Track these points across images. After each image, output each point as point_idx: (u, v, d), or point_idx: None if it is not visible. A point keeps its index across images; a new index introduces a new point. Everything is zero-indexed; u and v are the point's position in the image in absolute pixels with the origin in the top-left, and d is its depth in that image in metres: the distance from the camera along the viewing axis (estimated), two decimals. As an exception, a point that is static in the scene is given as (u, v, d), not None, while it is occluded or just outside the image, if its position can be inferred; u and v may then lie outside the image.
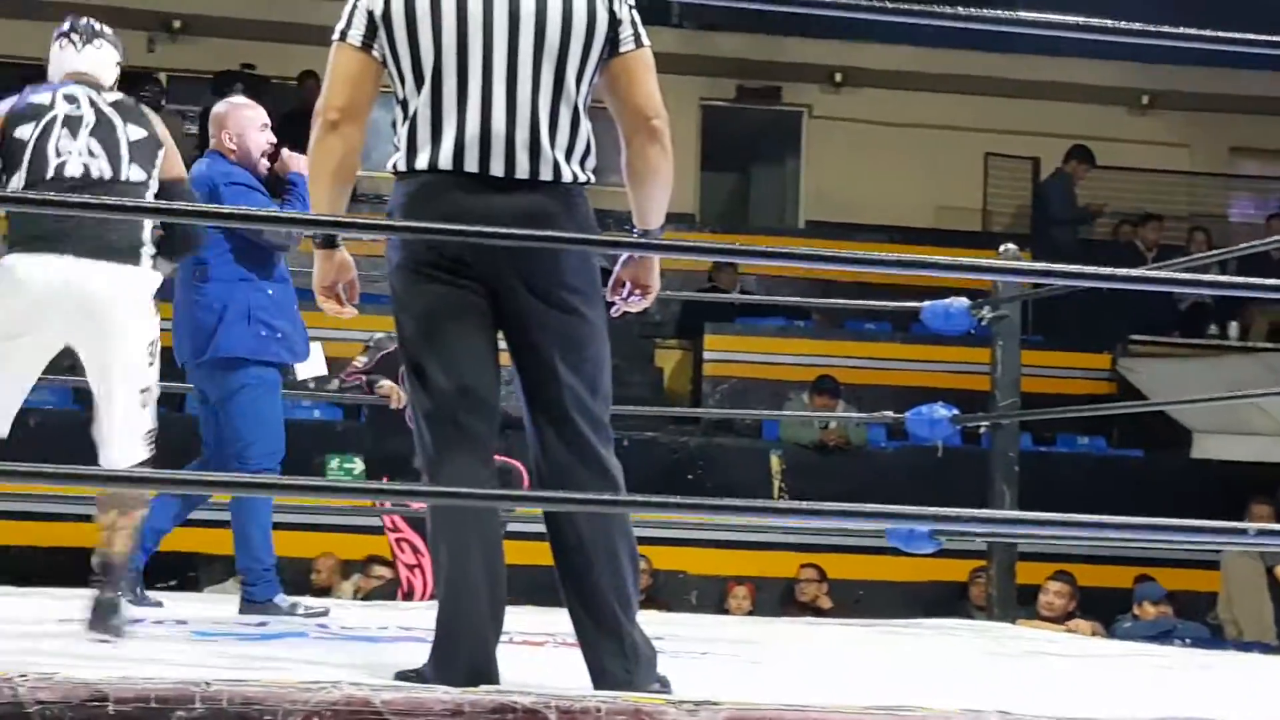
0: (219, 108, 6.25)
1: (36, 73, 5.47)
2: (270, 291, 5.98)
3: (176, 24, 15.63)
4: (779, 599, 11.08)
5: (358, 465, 10.97)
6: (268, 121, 6.20)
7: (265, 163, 6.15)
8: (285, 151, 6.19)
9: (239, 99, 6.34)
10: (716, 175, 17.39)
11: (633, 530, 3.78)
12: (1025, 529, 5.57)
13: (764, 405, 12.85)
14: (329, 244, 3.85)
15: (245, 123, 6.15)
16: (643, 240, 3.88)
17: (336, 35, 3.80)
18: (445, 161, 3.70)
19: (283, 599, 6.06)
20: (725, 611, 10.49)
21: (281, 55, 15.17)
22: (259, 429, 5.96)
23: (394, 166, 3.79)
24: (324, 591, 10.28)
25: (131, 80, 14.75)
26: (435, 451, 3.73)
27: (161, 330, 4.91)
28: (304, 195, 5.94)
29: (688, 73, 15.35)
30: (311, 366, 6.60)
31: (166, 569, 10.10)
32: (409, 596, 8.04)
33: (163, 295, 4.96)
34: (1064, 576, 9.91)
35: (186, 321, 6.02)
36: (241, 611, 5.98)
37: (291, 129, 14.42)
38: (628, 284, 3.94)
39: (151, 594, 6.33)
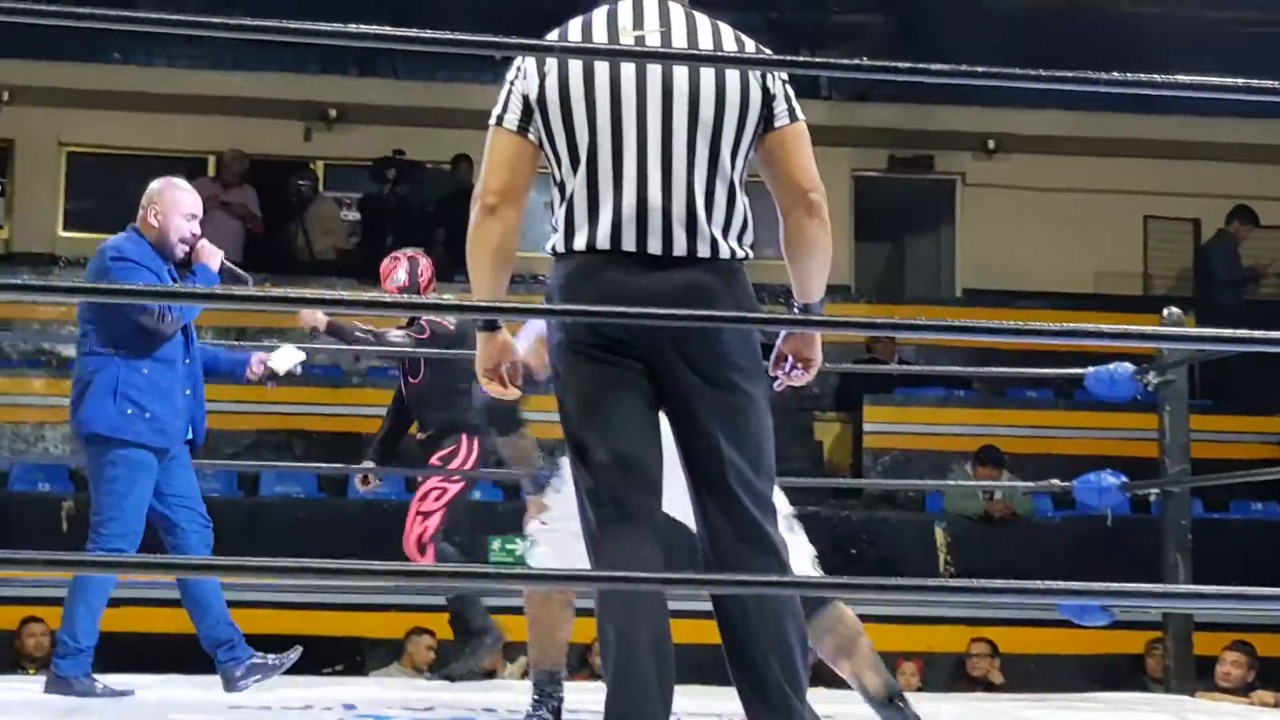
0: (155, 184, 6.21)
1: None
2: (145, 370, 5.89)
3: (333, 113, 15.86)
4: (949, 675, 10.92)
5: (519, 546, 10.96)
6: (197, 213, 6.17)
7: (182, 248, 6.09)
8: (203, 243, 6.19)
9: (178, 181, 6.27)
10: (870, 245, 17.31)
11: (800, 607, 3.74)
12: (1204, 603, 5.42)
13: (926, 476, 12.71)
14: (490, 326, 3.88)
15: (172, 205, 6.11)
16: (802, 318, 3.86)
17: (493, 120, 3.83)
18: (603, 241, 3.71)
19: (88, 678, 5.96)
20: (894, 688, 10.33)
21: (435, 140, 15.33)
22: (115, 509, 5.84)
23: (552, 248, 3.79)
24: (490, 674, 10.28)
25: (287, 170, 15.04)
26: (599, 529, 3.71)
27: None
28: (205, 284, 6.00)
29: (839, 144, 15.30)
30: (285, 358, 6.54)
31: (332, 653, 10.18)
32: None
33: None
34: (1242, 646, 9.67)
35: (73, 391, 6.04)
36: (50, 687, 5.91)
37: (446, 212, 14.67)
38: (790, 358, 3.92)
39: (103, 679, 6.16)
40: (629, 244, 3.70)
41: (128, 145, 15.81)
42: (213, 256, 6.08)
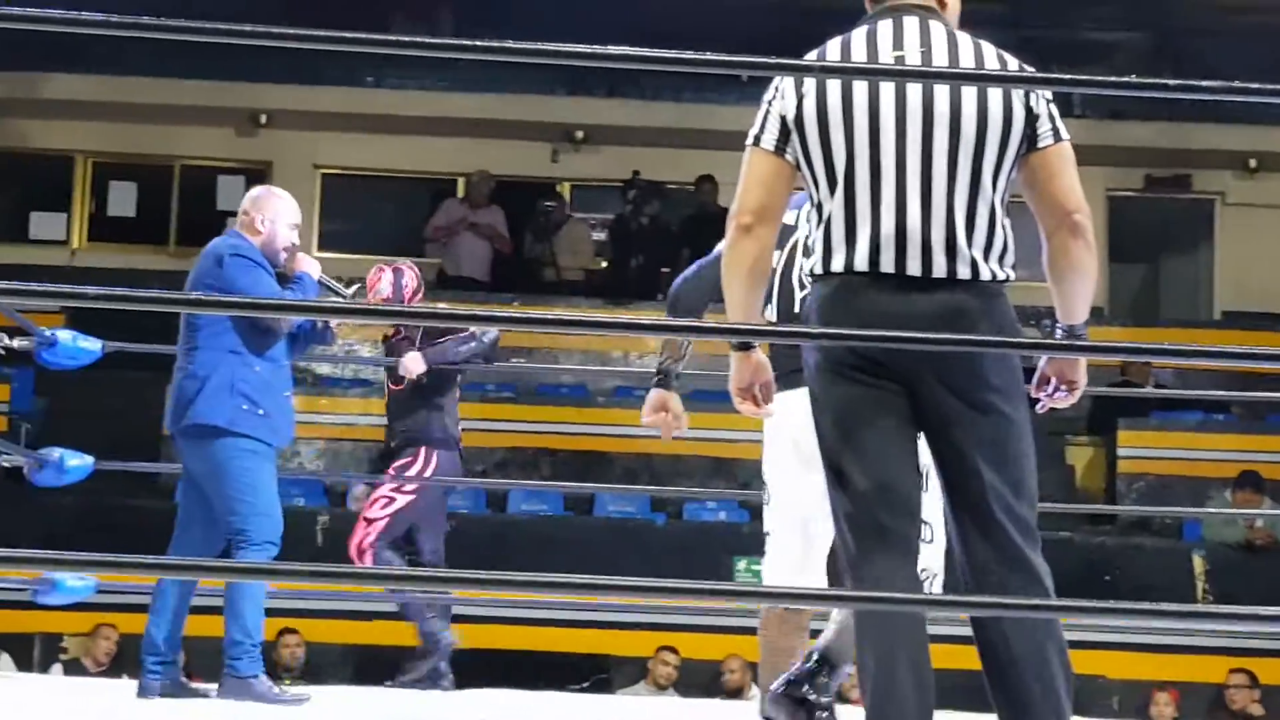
0: (257, 191, 6.28)
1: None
2: (258, 369, 5.91)
3: (580, 134, 15.99)
4: (1206, 706, 10.65)
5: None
6: (299, 222, 6.23)
7: (283, 255, 6.13)
8: (300, 254, 6.19)
9: (278, 189, 6.34)
10: (1125, 267, 16.95)
11: (1063, 634, 3.66)
12: None
13: (1183, 503, 12.40)
14: (744, 346, 3.86)
15: (279, 213, 6.16)
16: (1063, 343, 3.80)
17: (750, 140, 3.81)
18: (861, 262, 3.68)
19: (263, 680, 5.93)
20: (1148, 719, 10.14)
21: (678, 161, 15.37)
22: (254, 499, 5.85)
23: (811, 269, 3.76)
24: (735, 693, 10.26)
25: (535, 191, 15.19)
26: (857, 553, 3.68)
27: None
28: (306, 292, 6.02)
29: (1094, 163, 15.01)
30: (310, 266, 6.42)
31: (579, 670, 10.23)
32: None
33: None
34: None
35: (174, 389, 6.06)
36: (222, 687, 5.89)
37: (691, 232, 14.70)
38: (1053, 380, 3.84)
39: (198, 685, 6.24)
40: (888, 265, 3.67)
41: (379, 167, 16.12)
42: (313, 266, 6.14)
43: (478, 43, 3.08)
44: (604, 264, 15.53)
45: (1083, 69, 15.33)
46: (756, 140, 3.81)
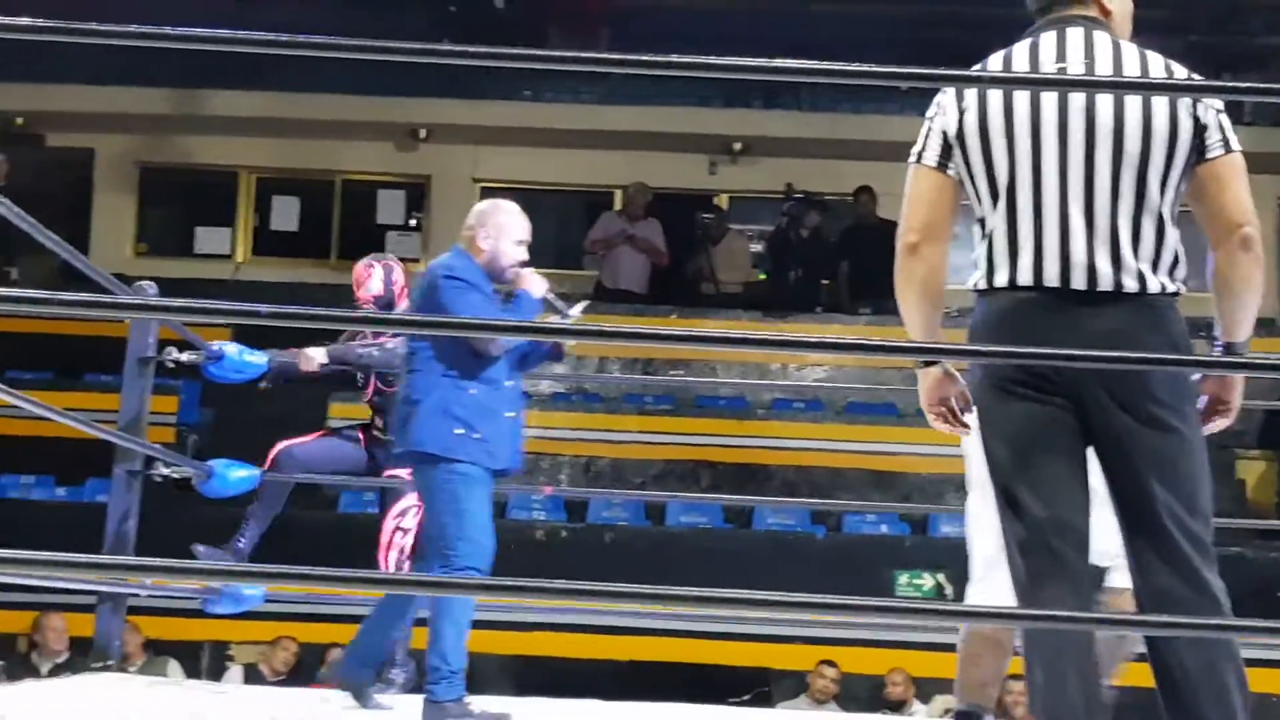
0: (483, 206, 6.14)
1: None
2: (473, 392, 5.81)
3: (737, 146, 15.99)
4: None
5: (927, 581, 10.87)
6: (527, 239, 6.07)
7: (508, 273, 5.99)
8: (526, 270, 6.09)
9: (506, 203, 6.15)
10: (1295, 276, 16.63)
11: (1240, 654, 3.60)
12: None
13: (1358, 517, 12.14)
14: (929, 361, 3.84)
15: (505, 229, 6.02)
16: (1229, 359, 3.71)
17: (913, 158, 3.80)
18: (1025, 277, 3.64)
19: (462, 704, 5.86)
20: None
21: (836, 172, 15.33)
22: (463, 529, 5.75)
23: (975, 285, 3.73)
24: (898, 707, 10.20)
25: (692, 203, 15.18)
26: (1029, 581, 3.64)
27: None
28: (523, 311, 5.90)
29: (1263, 170, 14.75)
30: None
31: (739, 683, 10.21)
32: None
33: None
34: None
35: (395, 414, 6.02)
36: (425, 713, 5.85)
37: (850, 244, 14.62)
38: (1208, 399, 3.77)
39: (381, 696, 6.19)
40: (1051, 280, 3.62)
41: (537, 180, 16.22)
42: (537, 284, 6.06)
43: (642, 57, 3.08)
44: (761, 276, 15.50)
45: (1249, 75, 15.11)
46: (919, 158, 3.79)
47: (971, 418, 3.82)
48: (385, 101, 15.54)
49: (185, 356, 6.65)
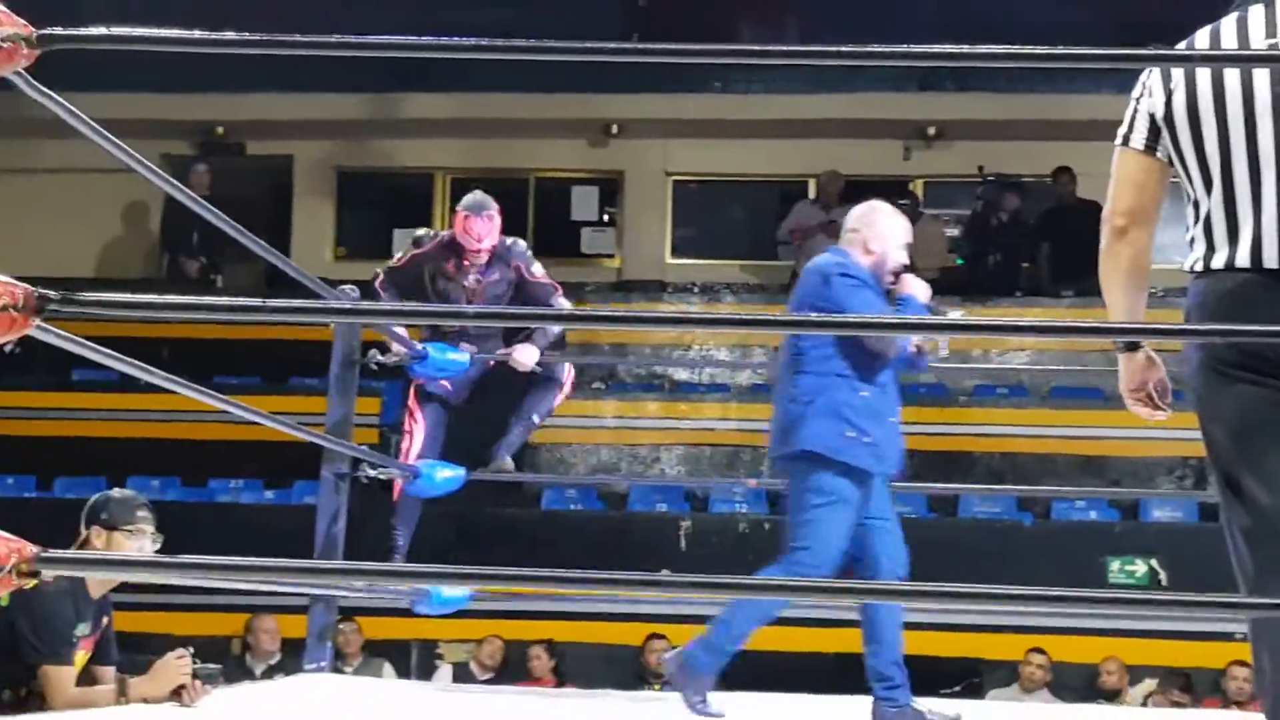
0: (862, 210, 6.05)
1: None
2: (865, 394, 5.71)
3: (931, 130, 15.84)
4: None
5: (1139, 567, 10.68)
6: (909, 240, 5.99)
7: (890, 277, 5.90)
8: (909, 276, 5.95)
9: (883, 205, 6.08)
10: None
11: None
12: None
13: None
14: (1131, 346, 3.78)
15: (889, 234, 5.94)
16: None
17: (1119, 140, 3.73)
18: (1243, 259, 3.54)
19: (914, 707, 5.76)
20: None
21: (1034, 153, 15.13)
22: (813, 538, 5.66)
23: (1191, 267, 3.65)
24: (1113, 696, 10.05)
25: (886, 189, 15.14)
26: (1256, 573, 3.51)
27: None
28: (914, 315, 5.75)
29: None
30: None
31: (950, 673, 10.11)
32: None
33: None
34: None
35: (777, 413, 5.88)
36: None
37: (1050, 226, 14.41)
38: None
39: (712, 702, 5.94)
40: (1271, 261, 3.52)
41: (729, 172, 16.21)
42: (921, 289, 5.96)
43: (837, 48, 3.03)
44: (959, 261, 15.35)
45: None
46: (1125, 140, 3.72)
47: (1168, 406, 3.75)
48: (576, 98, 15.61)
49: (389, 358, 6.72)
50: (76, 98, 3.07)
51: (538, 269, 7.65)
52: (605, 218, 16.60)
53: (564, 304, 7.66)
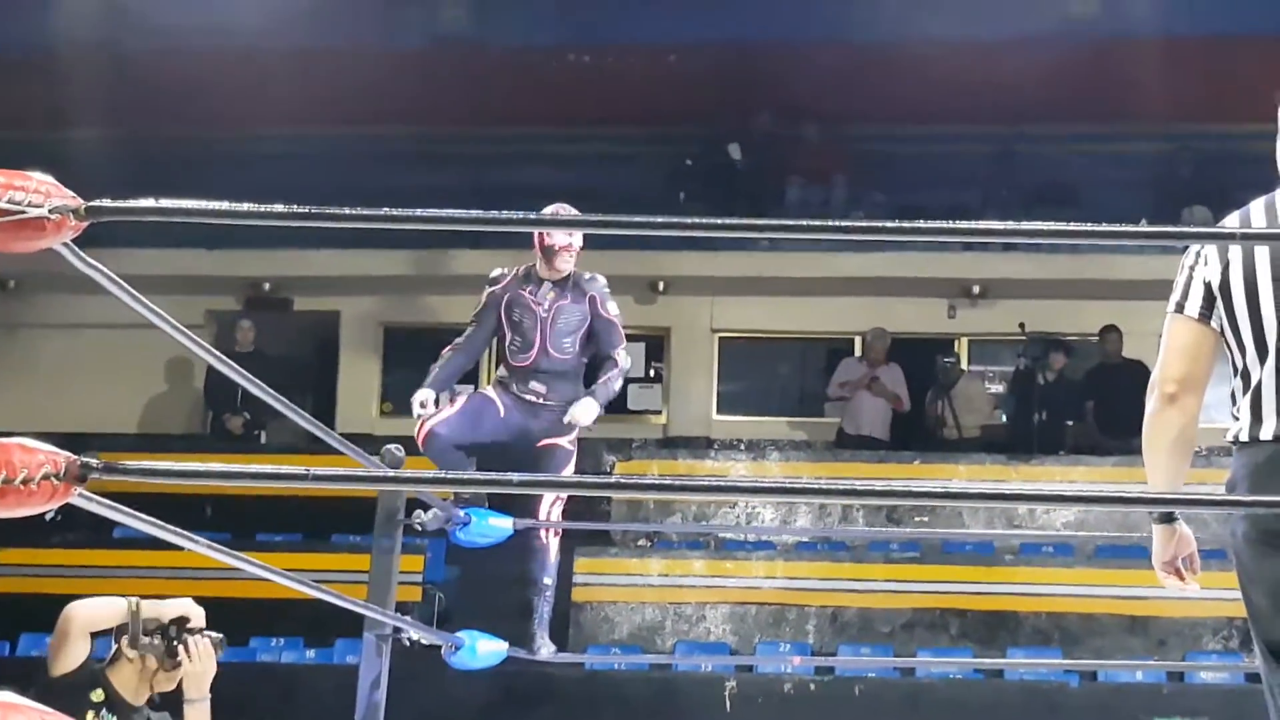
0: None
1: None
2: None
3: (976, 289, 15.85)
4: None
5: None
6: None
7: None
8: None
9: None
10: None
11: None
12: None
13: None
14: (1167, 519, 3.77)
15: None
16: None
17: (1172, 307, 3.74)
18: (1292, 431, 3.54)
19: None
20: None
21: (1077, 312, 15.13)
22: None
23: (1235, 437, 3.64)
24: None
25: (932, 347, 15.09)
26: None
27: None
28: None
29: None
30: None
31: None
32: None
33: None
34: None
35: None
36: None
37: (1095, 384, 14.34)
38: None
39: None
40: None
41: (775, 329, 16.24)
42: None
43: (879, 224, 3.04)
44: (1003, 418, 15.32)
45: None
46: (1180, 307, 3.73)
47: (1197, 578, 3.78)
48: (624, 255, 15.64)
49: (431, 522, 6.70)
50: (123, 254, 3.11)
51: (613, 307, 7.65)
52: (652, 374, 16.62)
53: (624, 359, 7.59)
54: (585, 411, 7.34)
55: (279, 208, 2.78)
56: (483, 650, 6.71)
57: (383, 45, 16.89)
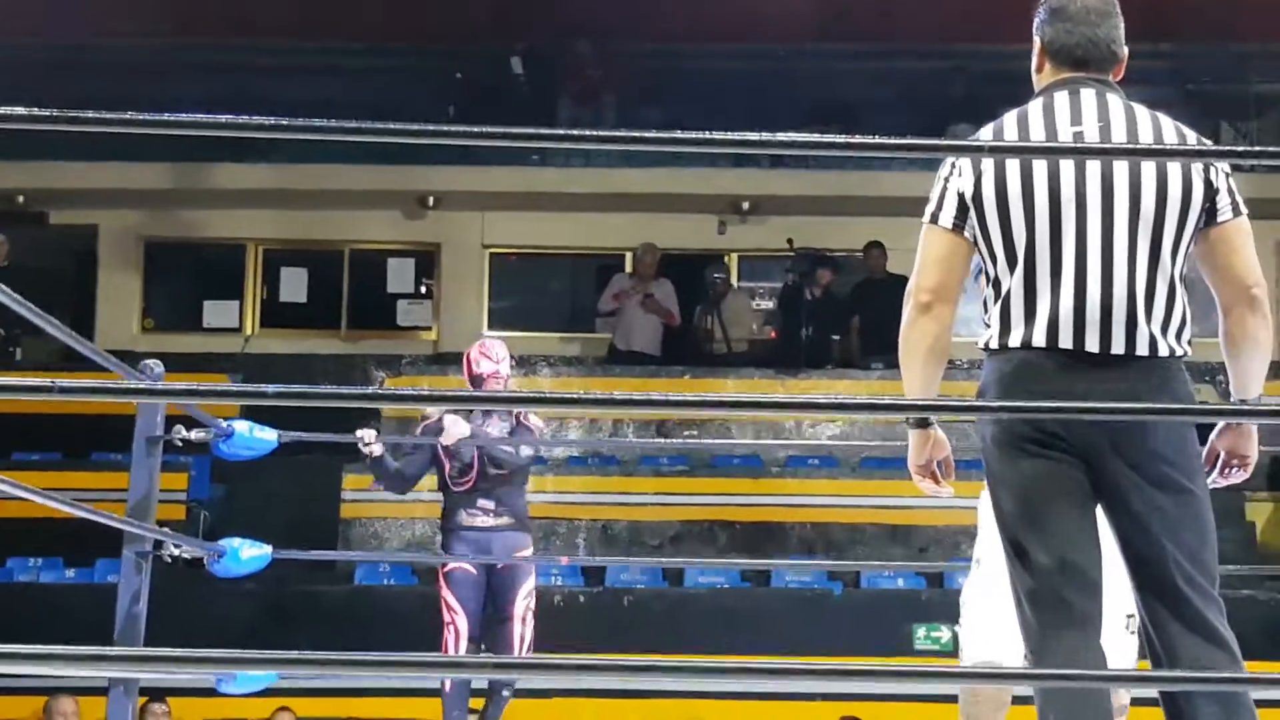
0: None
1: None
2: None
3: (745, 205, 15.97)
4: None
5: (945, 634, 10.82)
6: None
7: None
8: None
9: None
10: (1304, 318, 16.55)
11: (1253, 704, 3.59)
12: None
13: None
14: (923, 424, 3.85)
15: None
16: (1238, 408, 3.79)
17: (927, 218, 3.82)
18: (1039, 339, 3.67)
19: None
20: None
21: (845, 228, 15.32)
22: None
23: (985, 344, 3.74)
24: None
25: (701, 263, 15.17)
26: (1040, 630, 3.66)
27: None
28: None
29: (1263, 216, 14.72)
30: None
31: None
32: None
33: None
34: None
35: None
36: None
37: (860, 300, 14.58)
38: (1222, 454, 3.80)
39: None
40: (1066, 342, 3.65)
41: (547, 245, 16.22)
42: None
43: (651, 134, 3.06)
44: (772, 334, 15.49)
45: (1249, 123, 15.09)
46: (934, 218, 3.80)
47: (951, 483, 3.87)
48: (392, 170, 15.54)
49: (194, 435, 6.61)
50: None
51: (535, 420, 8.19)
52: (423, 289, 16.52)
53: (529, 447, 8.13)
54: (456, 425, 7.80)
55: (21, 111, 2.69)
56: (245, 555, 6.63)
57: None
